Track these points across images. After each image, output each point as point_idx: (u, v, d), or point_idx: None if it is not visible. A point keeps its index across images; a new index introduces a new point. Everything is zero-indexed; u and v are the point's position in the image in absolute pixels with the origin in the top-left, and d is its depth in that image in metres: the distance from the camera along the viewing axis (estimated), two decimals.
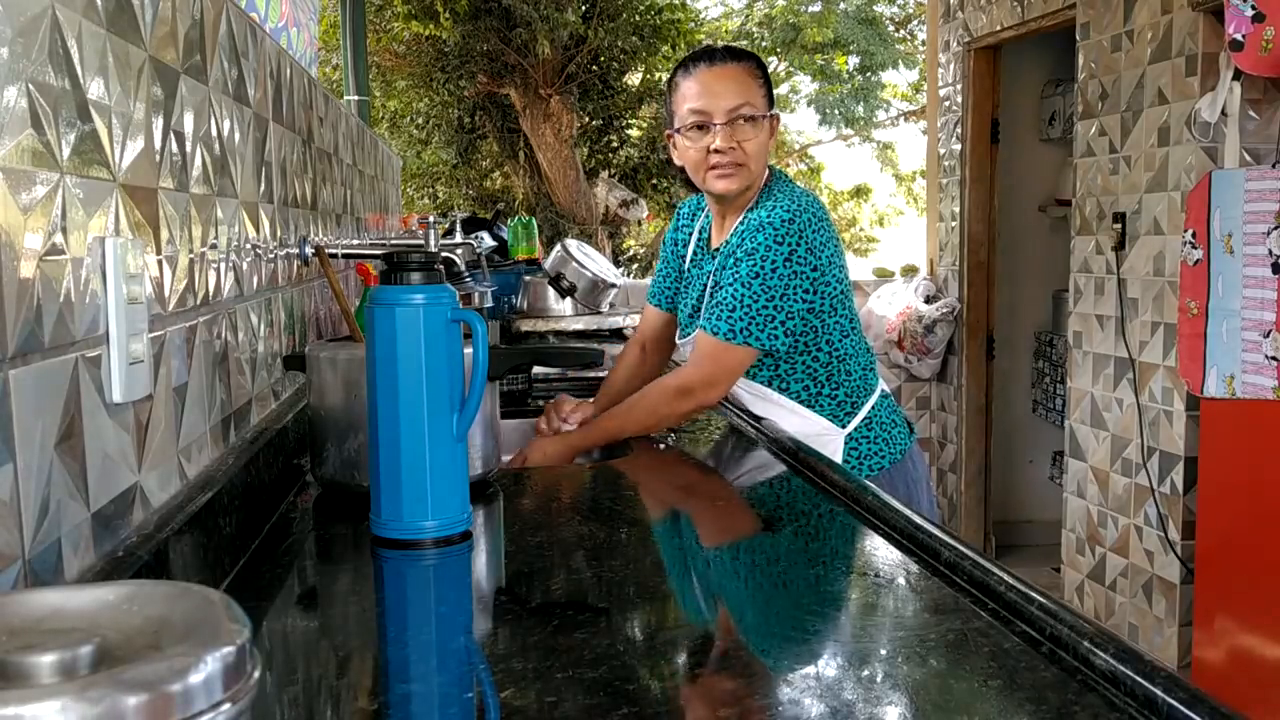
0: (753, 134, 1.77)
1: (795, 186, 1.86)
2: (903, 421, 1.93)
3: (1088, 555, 3.85)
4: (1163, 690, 0.74)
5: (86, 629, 0.44)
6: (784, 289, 1.72)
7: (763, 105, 1.79)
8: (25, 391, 0.68)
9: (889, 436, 1.88)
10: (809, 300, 1.76)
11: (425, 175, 6.49)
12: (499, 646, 0.93)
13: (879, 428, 1.87)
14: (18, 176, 0.68)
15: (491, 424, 1.43)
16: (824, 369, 1.83)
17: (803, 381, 1.83)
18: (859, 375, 1.87)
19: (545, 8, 5.20)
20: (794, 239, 1.72)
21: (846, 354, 1.85)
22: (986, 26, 4.53)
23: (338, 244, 1.81)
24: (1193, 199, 3.07)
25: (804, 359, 1.82)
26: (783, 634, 0.95)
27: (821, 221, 1.78)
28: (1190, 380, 3.12)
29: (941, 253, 5.05)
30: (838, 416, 1.84)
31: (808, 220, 1.74)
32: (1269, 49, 2.72)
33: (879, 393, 1.91)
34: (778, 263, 1.71)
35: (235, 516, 1.10)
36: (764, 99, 1.80)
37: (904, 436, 1.91)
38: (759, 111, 1.77)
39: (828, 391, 1.84)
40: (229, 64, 1.22)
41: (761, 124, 1.78)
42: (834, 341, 1.83)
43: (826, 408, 1.84)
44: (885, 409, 1.90)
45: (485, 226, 4.34)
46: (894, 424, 1.90)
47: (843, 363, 1.85)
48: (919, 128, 8.26)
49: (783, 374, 1.83)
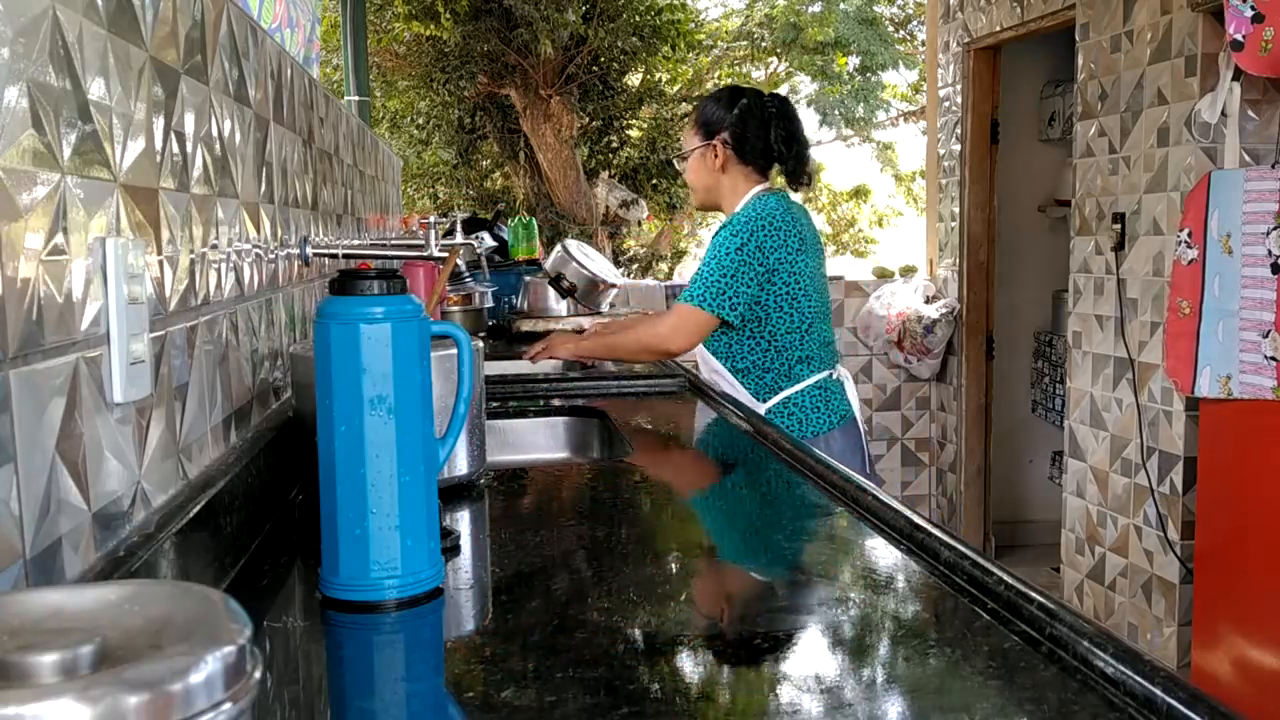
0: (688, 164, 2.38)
1: (770, 202, 2.27)
2: (828, 411, 2.30)
3: (1087, 555, 3.85)
4: (1162, 690, 0.75)
5: (87, 629, 0.44)
6: (734, 271, 2.19)
7: (689, 140, 2.37)
8: (25, 391, 0.68)
9: (803, 418, 2.27)
10: (756, 287, 2.20)
11: (426, 175, 6.49)
12: (497, 652, 0.92)
13: (796, 409, 2.27)
14: (19, 176, 0.68)
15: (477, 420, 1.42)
16: (761, 354, 2.27)
17: (744, 361, 2.28)
18: (788, 367, 2.27)
19: (546, 8, 5.20)
20: (746, 235, 2.20)
21: (784, 347, 2.26)
22: (986, 27, 4.53)
23: (338, 244, 1.82)
24: (1191, 199, 3.07)
25: (749, 342, 2.26)
26: (782, 634, 0.95)
27: (778, 231, 2.21)
28: (1178, 380, 3.12)
29: (941, 253, 5.05)
30: (759, 393, 2.27)
31: (761, 225, 2.21)
32: (1269, 49, 2.72)
33: (809, 383, 2.29)
34: (731, 251, 2.20)
35: (236, 516, 1.10)
36: (693, 133, 2.36)
37: (822, 421, 2.28)
38: (687, 146, 2.38)
39: (755, 374, 2.27)
40: (230, 64, 1.22)
41: (691, 156, 2.36)
42: (776, 334, 2.25)
43: (752, 385, 2.28)
44: (811, 397, 2.29)
45: (486, 227, 4.34)
46: (815, 409, 2.28)
47: (779, 353, 2.27)
48: (919, 128, 8.26)
49: (731, 352, 2.28)
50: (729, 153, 2.31)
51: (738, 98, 2.33)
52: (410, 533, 0.98)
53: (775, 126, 2.31)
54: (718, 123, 2.32)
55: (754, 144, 2.30)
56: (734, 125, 2.30)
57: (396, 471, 0.97)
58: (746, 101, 2.32)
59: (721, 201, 2.35)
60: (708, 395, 2.15)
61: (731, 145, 2.31)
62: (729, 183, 2.33)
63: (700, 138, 2.34)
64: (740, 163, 2.31)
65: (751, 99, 2.33)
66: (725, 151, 2.31)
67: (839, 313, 5.12)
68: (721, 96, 2.36)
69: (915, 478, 5.24)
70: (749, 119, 2.30)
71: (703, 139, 2.33)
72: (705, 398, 2.16)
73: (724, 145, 2.31)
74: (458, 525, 1.31)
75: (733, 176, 2.32)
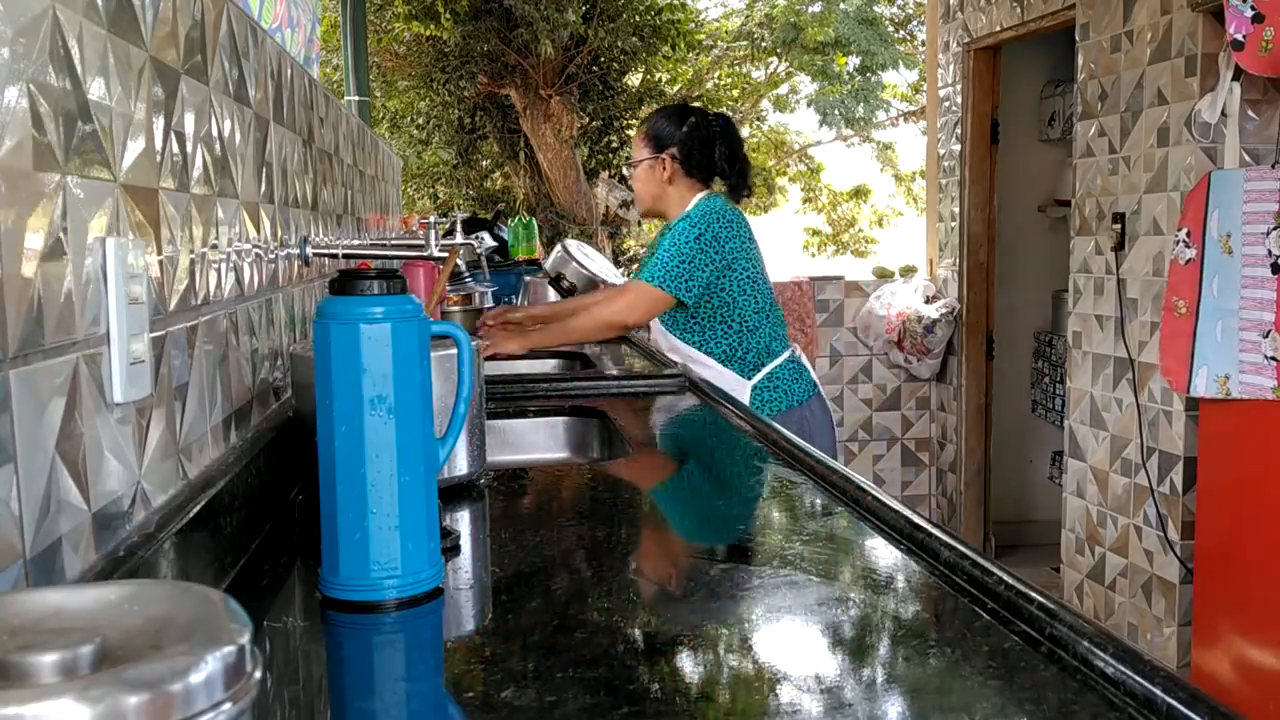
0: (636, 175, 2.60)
1: (718, 202, 2.50)
2: (806, 381, 2.57)
3: (1087, 555, 3.85)
4: (1162, 690, 0.75)
5: (87, 629, 0.44)
6: (692, 256, 2.41)
7: (638, 151, 2.58)
8: (25, 391, 0.68)
9: (788, 389, 2.52)
10: (713, 273, 2.43)
11: (426, 175, 6.49)
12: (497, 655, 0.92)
13: (780, 382, 2.52)
14: (18, 177, 0.68)
15: (477, 420, 1.43)
16: (736, 336, 2.49)
17: (721, 345, 2.50)
18: (764, 344, 2.52)
19: (546, 8, 5.20)
20: (703, 226, 2.44)
21: (755, 327, 2.50)
22: (986, 27, 4.53)
23: (338, 244, 1.82)
24: (1191, 199, 3.07)
25: (721, 327, 2.49)
26: (782, 634, 0.95)
27: (731, 225, 2.46)
28: (1173, 379, 3.12)
29: (941, 253, 5.05)
30: (744, 371, 2.50)
31: (715, 218, 2.45)
32: (1269, 49, 2.72)
33: (784, 358, 2.54)
34: (690, 239, 2.42)
35: (236, 516, 1.10)
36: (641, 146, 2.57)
37: (803, 391, 2.54)
38: (636, 157, 2.60)
39: (739, 355, 2.50)
40: (230, 64, 1.22)
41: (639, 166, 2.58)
42: (745, 317, 2.49)
43: (736, 366, 2.50)
44: (788, 370, 2.54)
45: (486, 227, 4.34)
46: (795, 380, 2.54)
47: (751, 334, 2.50)
48: (919, 128, 8.26)
49: (705, 339, 2.50)
50: (676, 166, 2.54)
51: (686, 116, 2.57)
52: (410, 533, 0.98)
53: (720, 144, 2.54)
54: (667, 138, 2.54)
55: (700, 160, 2.54)
56: (682, 141, 2.53)
57: (396, 471, 0.97)
58: (694, 120, 2.55)
59: (667, 210, 2.58)
60: (707, 395, 2.15)
61: (679, 159, 2.53)
62: (675, 193, 2.56)
63: (650, 150, 2.56)
64: (685, 175, 2.55)
65: (699, 118, 2.57)
66: (673, 165, 2.54)
67: (839, 312, 5.12)
68: (671, 113, 2.60)
69: (915, 478, 5.24)
70: (696, 136, 2.53)
71: (652, 151, 2.55)
72: (705, 397, 2.16)
73: (672, 159, 2.53)
74: (458, 525, 1.31)
75: (678, 188, 2.55)
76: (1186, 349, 3.05)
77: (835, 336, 5.12)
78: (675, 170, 2.54)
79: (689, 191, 2.55)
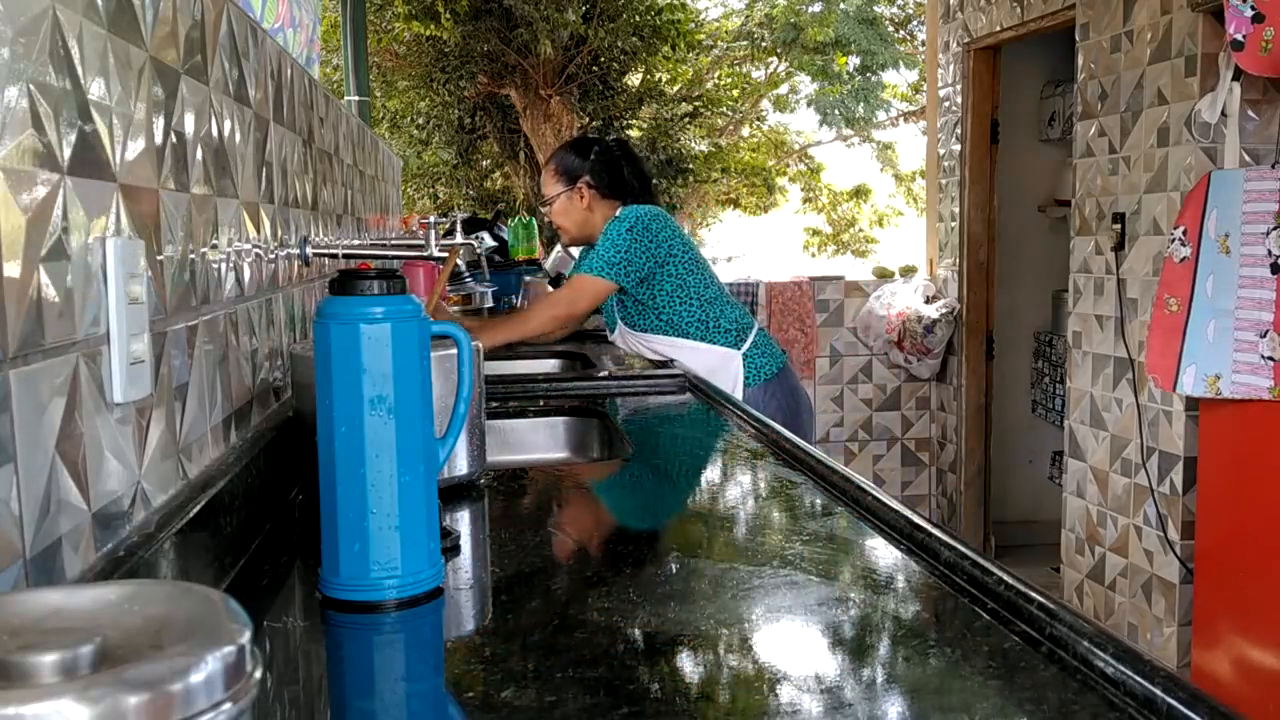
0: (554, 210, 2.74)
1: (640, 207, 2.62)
2: (775, 345, 2.72)
3: (1087, 555, 3.85)
4: (1162, 690, 0.75)
5: (87, 629, 0.44)
6: (626, 246, 2.55)
7: (552, 188, 2.73)
8: (25, 391, 0.68)
9: (771, 353, 2.66)
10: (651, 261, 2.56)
11: (426, 175, 6.49)
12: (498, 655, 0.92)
13: (763, 348, 2.65)
14: (18, 176, 0.68)
15: (477, 420, 1.43)
16: (703, 312, 2.61)
17: (692, 325, 2.60)
18: (735, 315, 2.65)
19: (546, 8, 5.20)
20: (631, 220, 2.57)
21: (714, 298, 2.63)
22: (986, 27, 4.53)
23: (338, 244, 1.82)
24: (1190, 198, 3.07)
25: (683, 307, 2.61)
26: (782, 634, 0.95)
27: (659, 219, 2.60)
28: (1158, 376, 3.12)
29: (941, 253, 5.05)
30: (731, 342, 2.61)
31: (643, 214, 2.58)
32: (1269, 49, 2.72)
33: (756, 327, 2.69)
34: (622, 232, 2.56)
35: (236, 516, 1.10)
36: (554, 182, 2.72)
37: (780, 354, 2.70)
38: (550, 193, 2.74)
39: (716, 326, 2.61)
40: (230, 64, 1.22)
41: (556, 202, 2.72)
42: (700, 291, 2.61)
43: (720, 339, 2.61)
44: (762, 336, 2.68)
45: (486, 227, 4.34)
46: (770, 345, 2.68)
47: (714, 304, 2.62)
48: (919, 128, 8.26)
49: (676, 324, 2.61)
50: (592, 192, 2.70)
51: (589, 145, 2.75)
52: (410, 533, 0.98)
53: (625, 165, 2.72)
54: (577, 169, 2.70)
55: (611, 181, 2.70)
56: (592, 169, 2.70)
57: (396, 471, 0.97)
58: (598, 148, 2.73)
59: (594, 234, 2.70)
60: (706, 394, 2.15)
61: (594, 185, 2.69)
62: (598, 217, 2.70)
63: (563, 184, 2.71)
64: (602, 199, 2.70)
65: (600, 145, 2.75)
66: (589, 192, 2.70)
67: (839, 312, 5.12)
68: (574, 146, 2.77)
69: (915, 478, 5.24)
70: (602, 161, 2.70)
71: (566, 185, 2.71)
72: (704, 396, 2.16)
73: (587, 186, 2.70)
74: (458, 525, 1.31)
75: (599, 211, 2.71)
76: (1176, 347, 3.05)
77: (835, 336, 5.13)
78: (592, 196, 2.69)
79: (609, 210, 2.69)
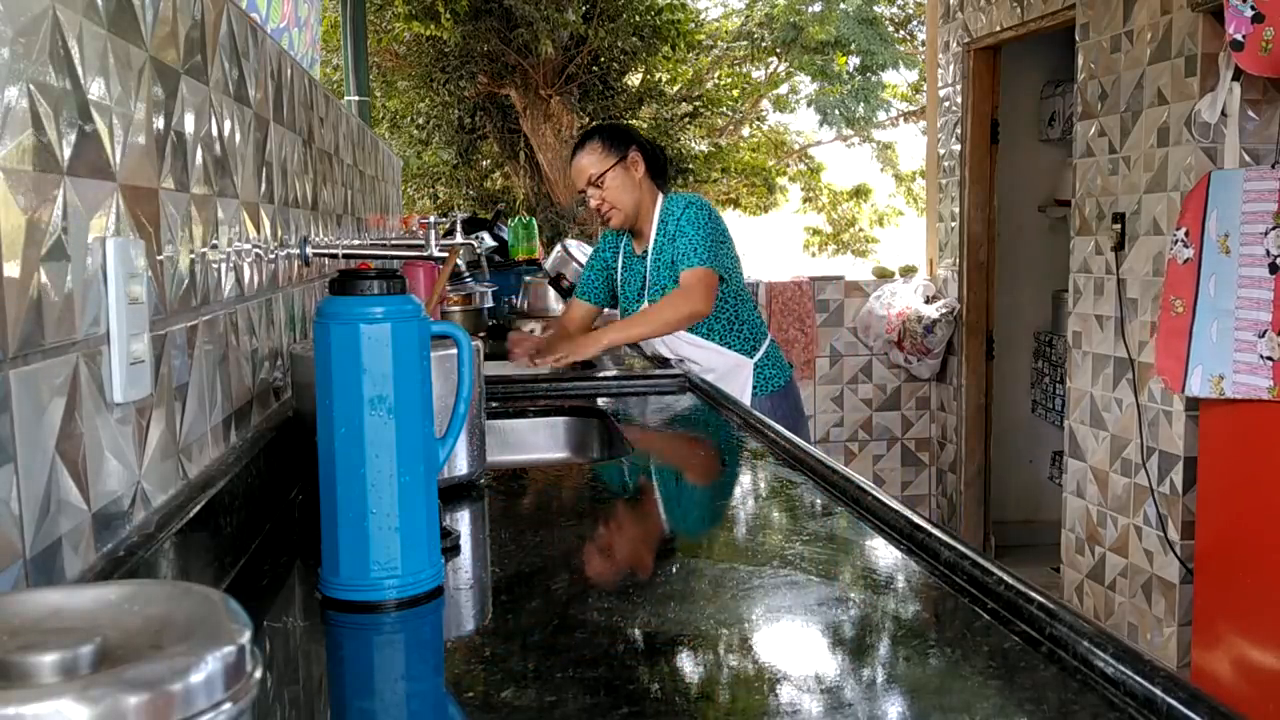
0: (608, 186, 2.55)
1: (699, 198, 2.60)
2: (784, 358, 2.73)
3: (1087, 555, 3.85)
4: (1162, 690, 0.75)
5: (87, 629, 0.44)
6: (712, 233, 2.50)
7: (604, 163, 2.55)
8: (25, 391, 0.68)
9: (780, 366, 2.68)
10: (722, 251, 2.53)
11: (426, 175, 6.49)
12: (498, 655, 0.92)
13: (772, 359, 2.66)
14: (19, 177, 0.68)
15: (477, 420, 1.43)
16: (729, 316, 2.59)
17: (716, 328, 2.58)
18: (753, 323, 2.65)
19: (546, 8, 5.20)
20: (698, 206, 2.54)
21: (742, 303, 2.62)
22: (986, 27, 4.53)
23: (338, 244, 1.82)
24: (1190, 198, 3.07)
25: (719, 303, 2.55)
26: (782, 634, 0.95)
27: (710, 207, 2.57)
28: (1168, 378, 3.12)
29: (941, 253, 5.05)
30: (745, 350, 2.61)
31: (698, 202, 2.55)
32: (1269, 49, 2.72)
33: (769, 338, 2.69)
34: (703, 220, 2.51)
35: (236, 516, 1.10)
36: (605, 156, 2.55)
37: (788, 368, 2.72)
38: (601, 169, 2.55)
39: (735, 331, 2.61)
40: (230, 64, 1.22)
41: (609, 174, 2.55)
42: (734, 296, 2.60)
43: (737, 345, 2.61)
44: (773, 347, 2.69)
45: (486, 227, 4.34)
46: (779, 358, 2.70)
47: (744, 305, 2.62)
48: (919, 128, 8.26)
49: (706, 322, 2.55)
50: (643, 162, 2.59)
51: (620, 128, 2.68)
52: (410, 533, 0.98)
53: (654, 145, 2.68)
54: (624, 142, 2.59)
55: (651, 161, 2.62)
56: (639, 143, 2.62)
57: (396, 471, 0.97)
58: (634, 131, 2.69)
59: (642, 215, 2.60)
60: (706, 394, 2.15)
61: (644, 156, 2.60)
62: (648, 197, 2.60)
63: (614, 156, 2.56)
64: (648, 176, 2.61)
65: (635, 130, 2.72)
66: (642, 162, 2.59)
67: (839, 312, 5.12)
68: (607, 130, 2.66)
69: (915, 478, 5.24)
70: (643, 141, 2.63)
71: (617, 155, 2.56)
72: (704, 397, 2.16)
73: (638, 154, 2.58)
74: (458, 525, 1.31)
75: (647, 190, 2.60)
76: (1183, 348, 3.05)
77: (835, 336, 5.12)
78: (643, 168, 2.59)
79: (653, 195, 2.61)
